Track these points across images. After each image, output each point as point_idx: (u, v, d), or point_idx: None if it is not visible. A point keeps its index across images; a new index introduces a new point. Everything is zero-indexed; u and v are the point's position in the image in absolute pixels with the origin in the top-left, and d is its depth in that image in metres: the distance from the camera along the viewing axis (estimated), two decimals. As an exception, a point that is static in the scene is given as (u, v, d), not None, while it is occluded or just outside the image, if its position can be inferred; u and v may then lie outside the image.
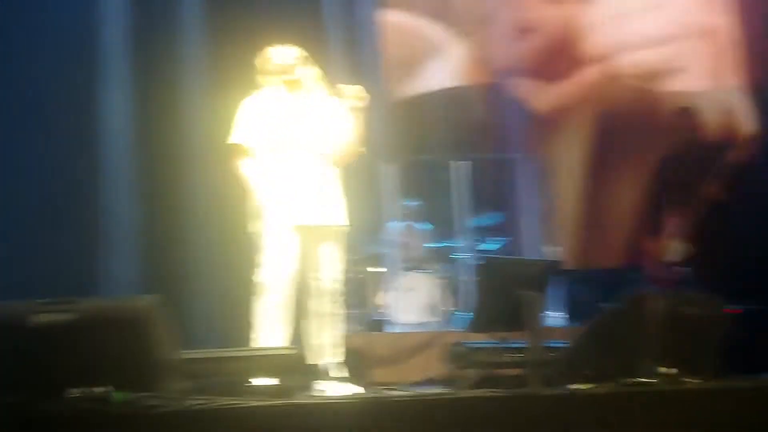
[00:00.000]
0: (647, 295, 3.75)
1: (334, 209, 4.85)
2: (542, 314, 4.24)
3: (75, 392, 3.08)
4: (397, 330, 7.53)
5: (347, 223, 4.96)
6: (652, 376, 3.51)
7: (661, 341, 3.70)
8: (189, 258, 7.76)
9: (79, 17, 8.13)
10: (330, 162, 4.84)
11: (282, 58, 4.91)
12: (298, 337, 4.94)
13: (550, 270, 4.49)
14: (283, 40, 5.07)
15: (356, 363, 5.63)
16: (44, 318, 3.22)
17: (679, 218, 6.79)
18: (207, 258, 7.70)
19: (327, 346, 4.68)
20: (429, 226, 8.81)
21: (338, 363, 4.81)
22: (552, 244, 8.16)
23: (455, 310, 8.00)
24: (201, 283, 7.61)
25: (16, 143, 7.80)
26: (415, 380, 4.86)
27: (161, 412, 3.03)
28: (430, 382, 4.99)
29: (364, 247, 8.22)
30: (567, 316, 7.79)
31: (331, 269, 4.82)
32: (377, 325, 7.62)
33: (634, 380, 3.46)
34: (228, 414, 3.10)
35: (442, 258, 8.37)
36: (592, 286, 8.23)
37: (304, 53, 4.92)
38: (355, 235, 7.28)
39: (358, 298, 8.04)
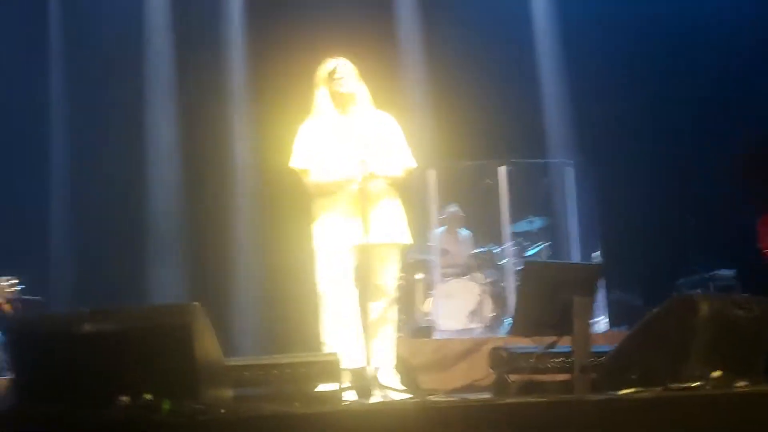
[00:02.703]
0: (695, 297, 3.69)
1: (392, 227, 4.85)
2: (590, 318, 4.19)
3: (123, 400, 3.10)
4: (441, 336, 7.51)
5: (409, 239, 4.99)
6: (700, 379, 3.45)
7: (710, 344, 3.64)
8: (233, 268, 7.85)
9: (124, 39, 8.34)
10: (387, 180, 4.83)
11: (333, 69, 4.92)
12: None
13: (597, 274, 4.42)
14: (331, 55, 5.11)
15: (402, 370, 5.63)
16: (91, 327, 3.25)
17: None
18: (250, 268, 7.78)
19: (378, 351, 4.67)
20: (472, 232, 8.78)
21: (389, 369, 4.81)
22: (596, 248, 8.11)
23: (499, 316, 7.96)
24: (244, 292, 7.69)
25: (65, 157, 7.98)
26: (458, 386, 4.82)
27: (208, 420, 3.04)
28: (473, 388, 4.95)
29: (409, 254, 8.23)
30: (608, 320, 7.72)
31: (387, 279, 4.83)
32: (423, 331, 7.61)
33: (683, 384, 3.40)
34: (273, 421, 3.10)
35: (486, 264, 8.33)
36: (634, 291, 8.18)
37: (354, 69, 4.92)
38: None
39: (404, 305, 8.05)
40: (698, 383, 3.44)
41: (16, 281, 5.60)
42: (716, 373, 3.51)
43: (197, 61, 8.54)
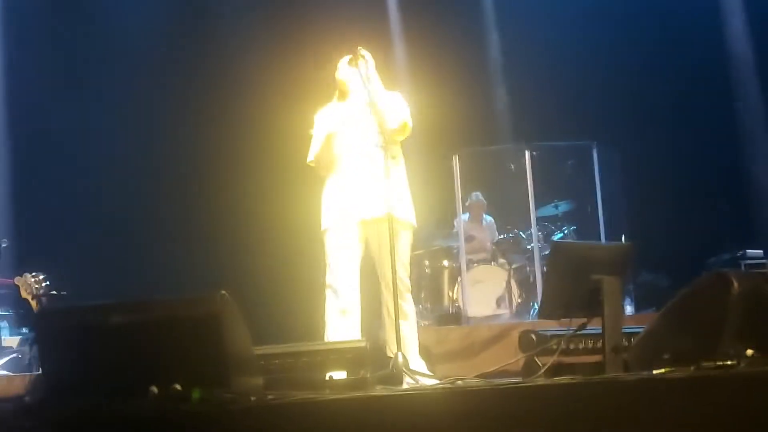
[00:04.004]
0: (728, 274, 3.63)
1: (398, 203, 4.86)
2: (620, 299, 4.15)
3: (154, 391, 3.10)
4: (469, 323, 7.49)
5: (412, 216, 5.03)
6: (734, 357, 3.40)
7: (743, 321, 3.58)
8: (256, 258, 7.88)
9: (142, 33, 8.37)
10: (395, 155, 4.85)
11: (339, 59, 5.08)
12: (373, 330, 4.96)
13: (627, 254, 4.38)
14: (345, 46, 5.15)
15: (429, 356, 5.63)
16: (119, 318, 3.25)
17: None
18: (273, 257, 7.80)
19: (401, 338, 4.67)
20: (495, 218, 8.75)
21: (414, 355, 4.81)
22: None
23: (526, 302, 7.93)
24: (268, 280, 7.71)
25: (89, 155, 8.03)
26: (487, 371, 4.79)
27: (238, 408, 3.03)
28: (502, 373, 4.93)
29: (436, 240, 8.21)
30: (633, 304, 7.67)
31: (397, 262, 4.82)
32: (451, 318, 7.59)
33: (716, 363, 3.35)
34: (303, 408, 3.09)
35: (512, 249, 8.29)
36: (660, 273, 8.12)
37: (362, 50, 4.95)
38: (426, 228, 7.33)
39: (431, 291, 8.03)
40: (732, 362, 3.40)
41: (43, 277, 5.64)
42: (750, 351, 3.46)
43: (214, 56, 8.57)
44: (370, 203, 4.85)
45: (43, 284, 5.63)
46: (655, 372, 3.38)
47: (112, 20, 8.63)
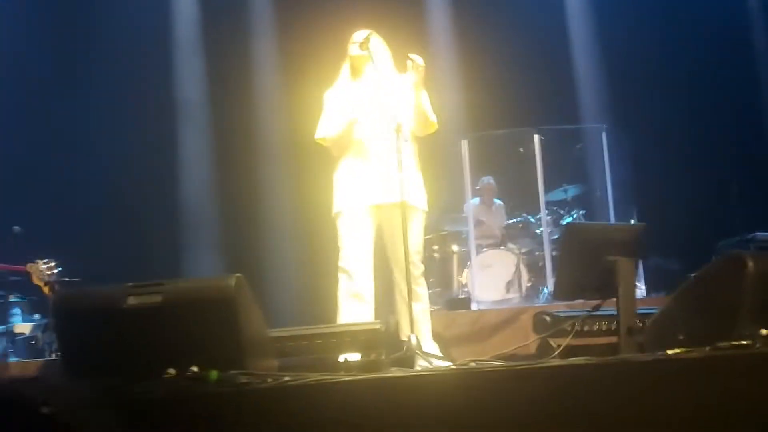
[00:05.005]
0: (743, 255, 3.63)
1: (411, 188, 4.86)
2: (634, 280, 4.14)
3: (170, 373, 3.11)
4: (479, 307, 7.49)
5: (423, 202, 5.03)
6: (749, 338, 3.40)
7: (758, 302, 3.58)
8: (268, 241, 7.88)
9: (152, 15, 8.35)
10: (407, 139, 4.84)
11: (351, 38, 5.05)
12: (386, 314, 4.97)
13: (640, 235, 4.37)
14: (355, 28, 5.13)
15: (439, 341, 5.63)
16: (136, 301, 3.26)
17: None
18: (286, 240, 7.81)
19: (414, 321, 4.67)
20: (504, 202, 8.74)
21: (427, 337, 4.81)
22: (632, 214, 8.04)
23: (535, 286, 7.93)
24: (281, 264, 7.72)
25: (99, 140, 8.03)
26: (499, 353, 4.79)
27: (254, 389, 3.04)
28: (512, 357, 4.92)
29: (444, 225, 8.21)
30: (645, 287, 7.66)
31: (411, 246, 4.82)
32: (460, 302, 7.59)
33: (732, 343, 3.35)
34: (318, 389, 3.10)
35: (521, 233, 8.29)
36: (671, 256, 8.11)
37: (374, 34, 4.94)
38: (435, 213, 7.33)
39: (440, 276, 8.03)
40: (747, 342, 3.39)
41: (55, 264, 5.65)
42: (765, 331, 3.46)
43: (226, 38, 8.55)
44: (384, 188, 4.84)
45: (55, 270, 5.65)
46: (669, 352, 3.37)
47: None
